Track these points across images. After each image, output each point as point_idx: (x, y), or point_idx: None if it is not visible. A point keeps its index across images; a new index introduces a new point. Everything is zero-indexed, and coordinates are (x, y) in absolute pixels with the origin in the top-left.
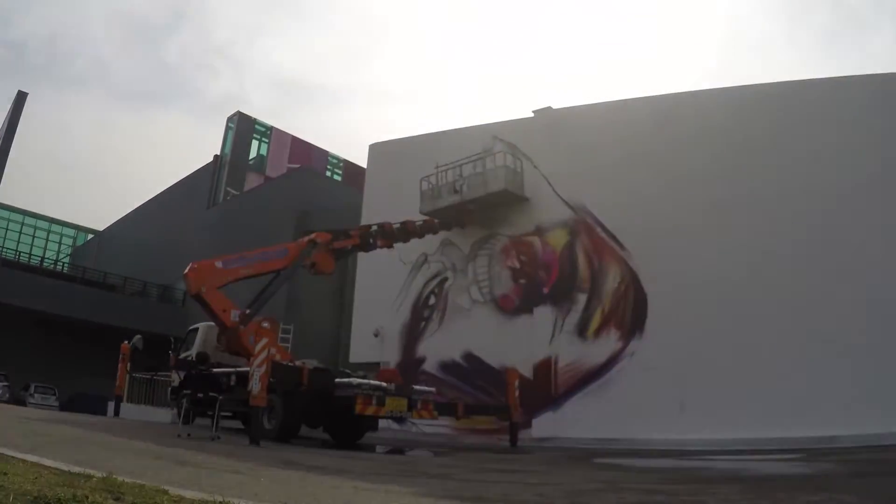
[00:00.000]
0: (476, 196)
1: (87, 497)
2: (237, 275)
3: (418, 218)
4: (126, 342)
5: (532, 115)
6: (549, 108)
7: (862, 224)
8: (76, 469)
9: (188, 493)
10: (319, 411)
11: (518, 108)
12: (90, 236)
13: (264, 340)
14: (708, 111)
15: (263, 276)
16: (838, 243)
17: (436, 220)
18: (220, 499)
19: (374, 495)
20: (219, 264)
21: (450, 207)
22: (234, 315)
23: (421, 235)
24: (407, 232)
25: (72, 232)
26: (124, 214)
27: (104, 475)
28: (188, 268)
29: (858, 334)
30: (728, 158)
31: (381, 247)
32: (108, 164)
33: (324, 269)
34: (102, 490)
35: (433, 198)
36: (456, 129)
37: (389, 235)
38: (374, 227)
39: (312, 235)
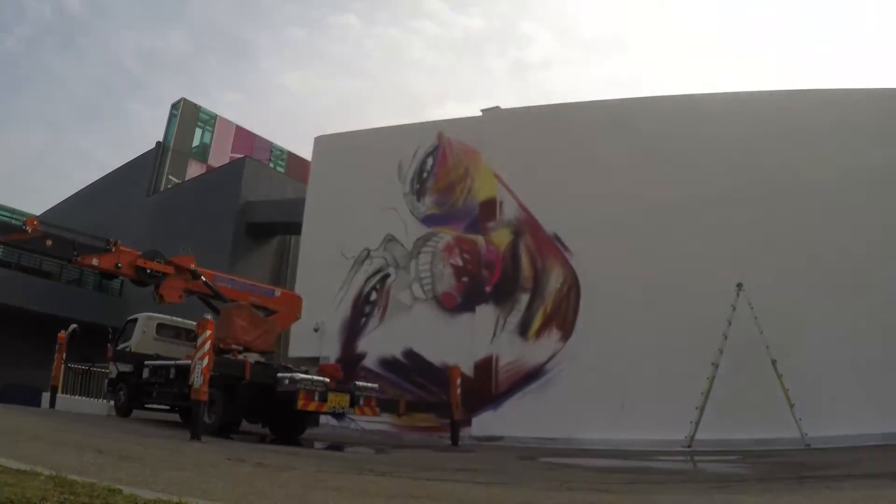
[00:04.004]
0: None
1: (44, 499)
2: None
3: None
4: (63, 332)
5: (480, 113)
6: (498, 107)
7: (813, 230)
8: (23, 466)
9: (141, 493)
10: (261, 406)
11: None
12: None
13: (207, 333)
14: (657, 116)
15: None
16: (782, 248)
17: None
18: (176, 499)
19: (325, 494)
20: None
21: None
22: None
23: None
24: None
25: (7, 215)
26: (63, 199)
27: (52, 473)
28: None
29: (798, 341)
30: (673, 163)
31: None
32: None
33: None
34: (53, 489)
35: None
36: (402, 125)
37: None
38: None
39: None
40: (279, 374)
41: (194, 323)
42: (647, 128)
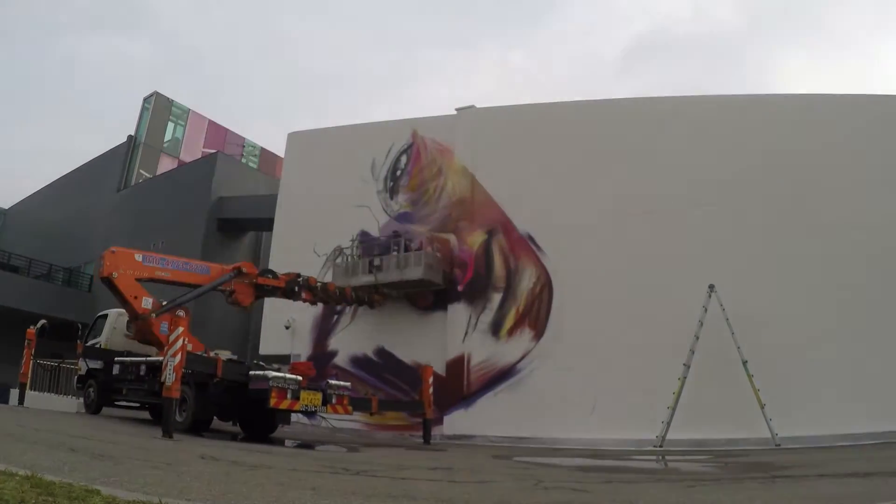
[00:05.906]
0: (391, 280)
1: (23, 501)
2: (153, 274)
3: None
4: (32, 327)
5: (455, 112)
6: (473, 107)
7: (785, 232)
8: None
9: (118, 493)
10: (233, 404)
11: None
12: None
13: (179, 329)
14: (632, 117)
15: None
16: (753, 249)
17: (352, 293)
18: (155, 500)
19: (302, 493)
20: (138, 257)
21: (364, 287)
22: (146, 302)
23: (338, 302)
24: (327, 293)
25: None
26: (33, 192)
27: (28, 473)
28: (106, 250)
29: (769, 342)
30: (647, 164)
31: (305, 300)
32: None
33: (241, 300)
34: (30, 490)
35: (347, 275)
36: (377, 123)
37: (313, 291)
38: (301, 279)
39: (239, 264)
40: (251, 372)
41: None
42: (621, 129)
